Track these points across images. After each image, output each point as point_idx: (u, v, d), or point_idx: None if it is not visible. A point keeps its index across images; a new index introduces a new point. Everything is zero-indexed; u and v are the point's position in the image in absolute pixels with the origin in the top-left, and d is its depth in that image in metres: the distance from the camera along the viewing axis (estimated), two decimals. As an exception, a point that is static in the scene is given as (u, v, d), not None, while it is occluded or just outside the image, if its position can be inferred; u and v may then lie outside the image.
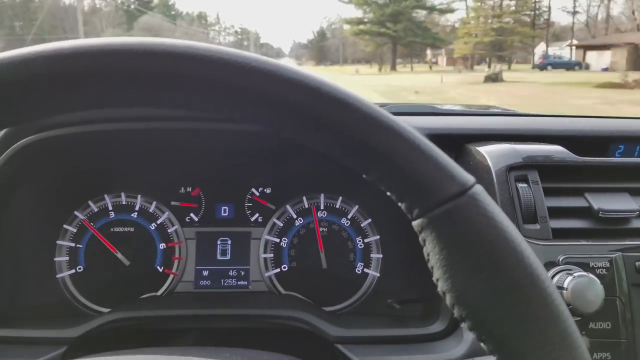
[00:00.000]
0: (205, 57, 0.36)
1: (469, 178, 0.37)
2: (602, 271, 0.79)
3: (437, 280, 0.38)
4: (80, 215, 1.07)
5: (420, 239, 0.38)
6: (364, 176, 0.39)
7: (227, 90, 0.36)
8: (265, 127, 0.38)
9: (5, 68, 0.34)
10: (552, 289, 0.36)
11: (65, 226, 1.06)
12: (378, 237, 1.11)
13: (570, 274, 0.73)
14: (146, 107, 0.37)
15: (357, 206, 1.12)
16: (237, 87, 0.36)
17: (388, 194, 0.39)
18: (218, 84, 0.36)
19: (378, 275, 1.10)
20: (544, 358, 0.35)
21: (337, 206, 1.13)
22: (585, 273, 0.73)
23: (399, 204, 0.39)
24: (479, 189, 0.37)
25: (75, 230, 1.06)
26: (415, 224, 0.38)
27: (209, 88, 0.36)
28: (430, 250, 0.38)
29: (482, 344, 0.37)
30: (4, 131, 0.95)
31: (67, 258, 1.05)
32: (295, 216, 1.12)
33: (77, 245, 1.06)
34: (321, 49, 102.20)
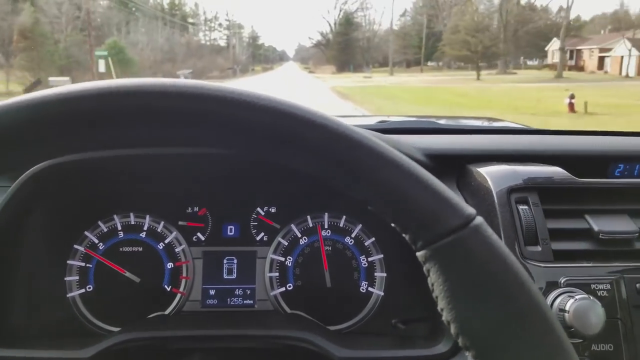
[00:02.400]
0: (212, 96, 0.38)
1: (471, 211, 0.39)
2: (603, 293, 0.80)
3: (442, 310, 0.39)
4: (90, 236, 1.08)
5: (424, 269, 0.40)
6: (368, 207, 0.41)
7: (261, 136, 0.38)
8: (272, 161, 0.40)
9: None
10: (553, 319, 0.38)
11: (75, 246, 1.07)
12: (382, 255, 1.13)
13: (572, 297, 0.75)
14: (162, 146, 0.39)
15: (360, 225, 1.14)
16: (248, 124, 0.38)
17: (392, 225, 0.41)
18: (253, 126, 0.38)
19: (382, 294, 1.11)
20: None
21: (341, 225, 1.14)
22: (586, 295, 0.75)
23: (403, 235, 0.40)
24: (480, 221, 0.39)
25: (85, 250, 1.08)
26: (420, 255, 0.40)
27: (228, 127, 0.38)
28: (435, 281, 0.39)
29: None
30: None
31: (77, 277, 1.07)
32: (300, 235, 1.14)
33: (87, 265, 1.08)
34: (346, 45, 73.33)
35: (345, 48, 73.74)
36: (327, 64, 77.69)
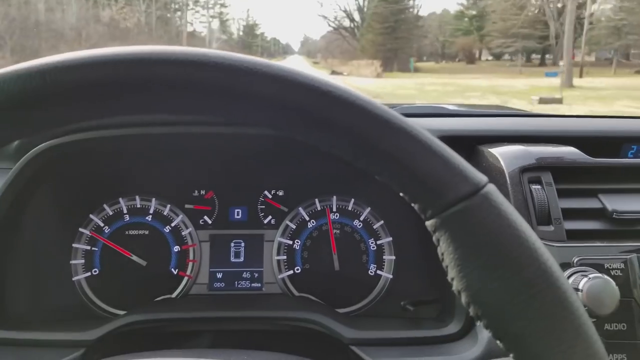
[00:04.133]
0: (229, 65, 0.36)
1: (482, 177, 0.38)
2: (616, 272, 0.78)
3: (452, 279, 0.38)
4: (95, 219, 1.08)
5: (434, 238, 0.39)
6: (376, 177, 0.40)
7: (249, 98, 0.37)
8: (278, 132, 0.39)
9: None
10: (567, 286, 0.37)
11: (80, 229, 1.07)
12: (390, 238, 1.12)
13: (585, 276, 0.73)
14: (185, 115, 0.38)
15: (369, 208, 1.13)
16: (257, 94, 0.37)
17: (401, 194, 0.39)
18: (246, 92, 0.37)
19: (391, 276, 1.10)
20: (560, 355, 0.35)
21: (350, 208, 1.13)
22: (600, 274, 0.73)
23: (412, 205, 0.39)
24: (491, 188, 0.38)
25: (90, 234, 1.07)
26: (429, 224, 0.39)
27: (236, 96, 0.37)
28: (445, 250, 0.38)
29: (498, 342, 0.38)
30: None
31: (83, 261, 1.06)
32: (307, 218, 1.13)
33: (93, 248, 1.07)
34: (394, 29, 44.95)
35: (392, 32, 44.82)
36: (347, 57, 51.11)
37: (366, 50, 48.45)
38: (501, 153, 0.92)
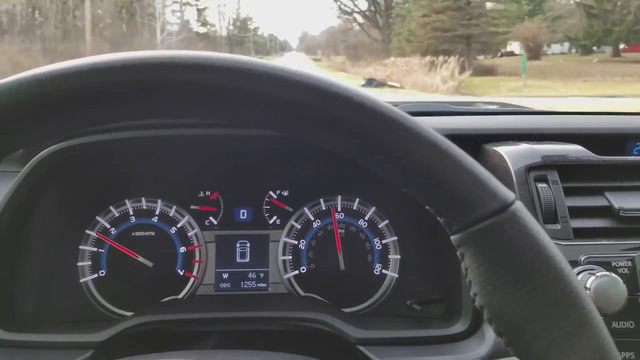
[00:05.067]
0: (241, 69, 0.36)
1: (510, 194, 0.37)
2: (624, 270, 0.78)
3: (475, 295, 0.38)
4: (101, 221, 1.08)
5: (458, 253, 0.39)
6: (403, 189, 0.39)
7: (273, 104, 0.37)
8: (305, 140, 0.39)
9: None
10: (592, 307, 0.37)
11: (87, 231, 1.07)
12: (396, 238, 1.12)
13: (593, 274, 0.73)
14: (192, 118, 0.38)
15: (374, 207, 1.13)
16: (284, 101, 0.37)
17: (427, 207, 0.39)
18: (271, 100, 0.37)
19: (396, 276, 1.10)
20: None
21: (355, 208, 1.13)
22: (607, 273, 0.73)
23: (438, 218, 0.39)
24: (519, 206, 0.37)
25: (97, 236, 1.08)
26: (454, 238, 0.38)
27: (255, 102, 0.37)
28: (469, 265, 0.38)
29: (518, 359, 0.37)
30: None
31: (90, 263, 1.07)
32: (313, 218, 1.13)
33: (99, 250, 1.07)
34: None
35: (460, 11, 28.75)
36: (362, 53, 39.50)
37: (411, 40, 31.31)
38: (507, 152, 0.91)
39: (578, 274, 0.75)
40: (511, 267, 0.36)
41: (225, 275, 1.10)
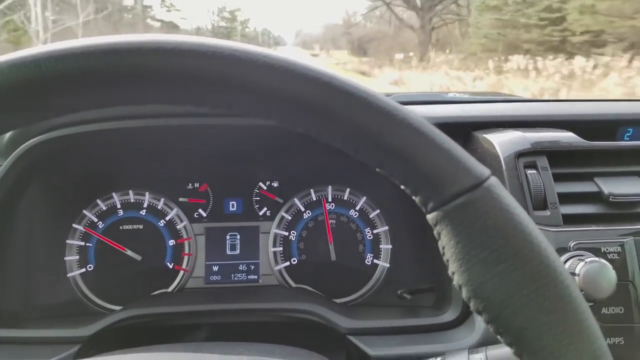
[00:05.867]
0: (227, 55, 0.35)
1: (485, 170, 0.37)
2: (613, 256, 0.78)
3: (453, 273, 0.38)
4: (89, 215, 1.07)
5: (435, 232, 0.38)
6: (377, 170, 0.39)
7: (251, 89, 0.36)
8: (279, 124, 0.38)
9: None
10: (570, 281, 0.36)
11: (74, 225, 1.06)
12: (387, 227, 1.11)
13: (582, 260, 0.72)
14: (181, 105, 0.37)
15: (365, 197, 1.12)
16: (255, 84, 0.36)
17: (402, 187, 0.39)
18: (248, 84, 0.36)
19: (388, 265, 1.10)
20: (562, 350, 0.35)
21: (345, 198, 1.13)
22: (597, 258, 0.73)
23: (413, 198, 0.39)
24: (494, 181, 0.37)
25: (84, 230, 1.07)
26: (430, 217, 0.38)
27: (233, 87, 0.36)
28: (446, 244, 0.37)
29: (499, 337, 0.37)
30: (11, 132, 0.95)
31: (77, 257, 1.06)
32: (303, 209, 1.12)
33: (87, 244, 1.07)
34: None
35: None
36: (378, 46, 32.54)
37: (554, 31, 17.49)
38: (496, 139, 0.91)
39: (567, 260, 0.75)
40: (487, 243, 0.36)
41: (215, 268, 1.09)
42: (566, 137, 0.91)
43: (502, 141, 0.90)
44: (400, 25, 31.73)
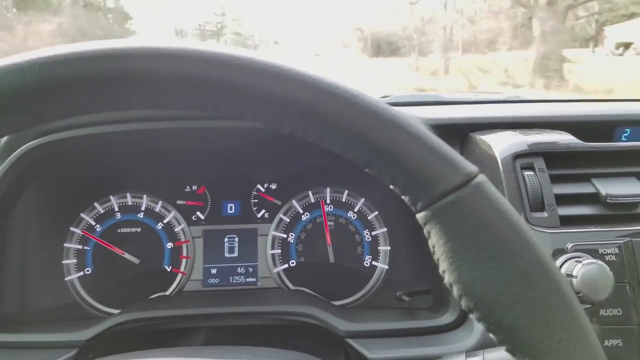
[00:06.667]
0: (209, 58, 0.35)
1: (473, 168, 0.37)
2: (611, 257, 0.78)
3: (444, 272, 0.38)
4: (86, 218, 1.07)
5: (425, 231, 0.38)
6: (366, 170, 0.39)
7: (233, 90, 0.36)
8: (265, 125, 0.38)
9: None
10: (560, 277, 0.36)
11: (71, 229, 1.06)
12: (385, 229, 1.11)
13: (580, 262, 0.72)
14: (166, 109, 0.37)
15: (363, 199, 1.12)
16: (242, 86, 0.36)
17: (391, 187, 0.39)
18: (226, 85, 0.36)
19: (386, 267, 1.10)
20: (554, 346, 0.35)
21: (343, 200, 1.13)
22: (594, 260, 0.73)
23: (403, 197, 0.39)
24: (482, 179, 0.37)
25: (81, 233, 1.07)
26: (420, 216, 0.38)
27: (215, 88, 0.36)
28: (436, 243, 0.38)
29: (491, 335, 0.37)
30: (8, 136, 0.95)
31: (75, 260, 1.06)
32: (301, 211, 1.12)
33: (85, 247, 1.06)
34: None
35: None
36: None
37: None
38: (493, 140, 0.91)
39: (565, 262, 0.75)
40: (477, 241, 0.36)
41: (213, 271, 1.09)
42: (563, 138, 0.91)
43: (499, 142, 0.90)
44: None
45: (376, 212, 1.12)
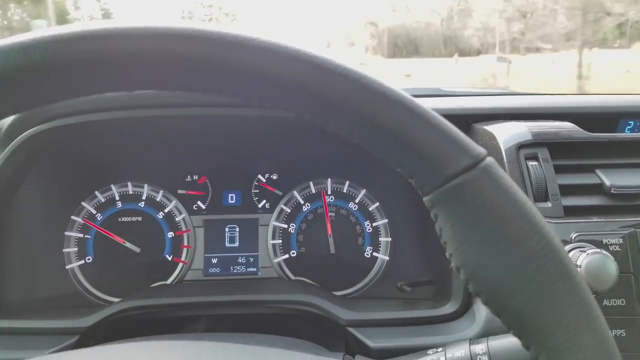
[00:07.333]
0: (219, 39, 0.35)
1: (481, 150, 0.37)
2: (615, 248, 0.78)
3: (450, 255, 0.37)
4: (87, 206, 1.06)
5: (432, 214, 0.38)
6: (371, 152, 0.38)
7: (237, 70, 0.35)
8: (271, 107, 0.38)
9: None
10: (568, 260, 0.36)
11: (73, 217, 1.06)
12: (386, 220, 1.11)
13: (584, 252, 0.72)
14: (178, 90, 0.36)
15: (364, 190, 1.12)
16: (245, 66, 0.35)
17: (398, 170, 0.38)
18: (231, 65, 0.35)
19: (387, 258, 1.09)
20: (561, 330, 0.34)
21: (345, 190, 1.12)
22: (598, 250, 0.72)
23: (409, 180, 0.38)
24: (490, 161, 0.37)
25: (83, 221, 1.06)
26: (427, 199, 0.37)
27: (224, 69, 0.35)
28: (443, 225, 0.37)
29: (498, 318, 0.37)
30: (9, 123, 0.94)
31: (76, 249, 1.05)
32: (302, 202, 1.12)
33: (86, 236, 1.06)
34: None
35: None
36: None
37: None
38: (497, 130, 0.90)
39: (569, 252, 0.74)
40: (485, 223, 0.35)
41: (214, 260, 1.09)
42: (568, 128, 0.90)
43: (503, 132, 0.89)
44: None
45: (377, 203, 1.11)
